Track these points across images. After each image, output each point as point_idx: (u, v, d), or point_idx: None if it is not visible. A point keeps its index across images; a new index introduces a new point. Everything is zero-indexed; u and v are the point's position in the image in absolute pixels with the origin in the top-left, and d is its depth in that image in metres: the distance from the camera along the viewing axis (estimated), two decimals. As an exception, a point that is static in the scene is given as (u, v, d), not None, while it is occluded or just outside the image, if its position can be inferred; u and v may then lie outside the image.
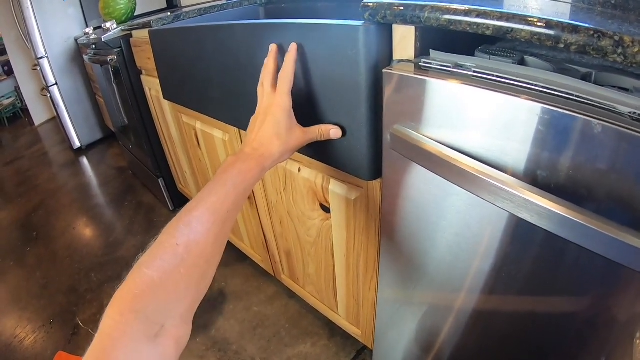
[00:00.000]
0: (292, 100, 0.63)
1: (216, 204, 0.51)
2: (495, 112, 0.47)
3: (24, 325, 1.45)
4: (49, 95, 2.84)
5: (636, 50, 0.39)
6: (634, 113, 0.40)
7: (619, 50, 0.40)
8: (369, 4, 0.58)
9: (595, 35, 0.41)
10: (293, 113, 0.64)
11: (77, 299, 1.54)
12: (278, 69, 0.65)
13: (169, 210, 2.00)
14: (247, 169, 0.57)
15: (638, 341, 0.45)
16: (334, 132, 0.67)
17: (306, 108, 0.72)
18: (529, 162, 0.47)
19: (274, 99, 0.62)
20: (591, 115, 0.40)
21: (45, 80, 2.78)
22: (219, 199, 0.52)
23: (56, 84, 2.80)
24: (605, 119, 0.39)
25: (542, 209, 0.42)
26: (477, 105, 0.49)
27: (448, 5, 0.51)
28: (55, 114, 2.97)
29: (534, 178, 0.47)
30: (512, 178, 0.46)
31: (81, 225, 2.06)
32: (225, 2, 1.38)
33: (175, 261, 0.45)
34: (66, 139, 3.07)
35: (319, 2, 1.26)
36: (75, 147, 3.05)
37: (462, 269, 0.63)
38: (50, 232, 2.03)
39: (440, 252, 0.66)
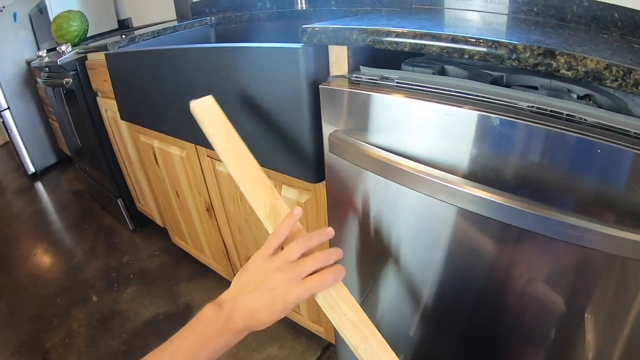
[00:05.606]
0: (244, 117, 0.69)
1: None
2: (415, 116, 0.56)
3: (-10, 358, 1.41)
4: (1, 120, 2.76)
5: (527, 55, 0.48)
6: (532, 106, 0.49)
7: (514, 56, 0.49)
8: (307, 29, 0.66)
9: (493, 46, 0.50)
10: None
11: (44, 325, 1.52)
12: None
13: (129, 230, 1.99)
14: (228, 344, 0.50)
15: (588, 315, 0.51)
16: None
17: (256, 122, 0.79)
18: (446, 157, 0.55)
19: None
20: (494, 111, 0.49)
21: (-4, 105, 2.71)
22: None
23: (8, 108, 2.72)
24: (505, 114, 0.48)
25: (466, 194, 0.50)
26: (400, 111, 0.57)
27: (372, 27, 0.61)
28: (8, 139, 2.88)
29: (449, 169, 0.55)
30: (429, 168, 0.54)
31: (42, 252, 2.02)
32: (177, 24, 1.43)
33: None
34: (20, 164, 2.97)
35: (265, 22, 1.34)
36: (29, 173, 2.95)
37: (413, 262, 0.70)
38: (10, 260, 1.98)
39: (385, 244, 0.72)
